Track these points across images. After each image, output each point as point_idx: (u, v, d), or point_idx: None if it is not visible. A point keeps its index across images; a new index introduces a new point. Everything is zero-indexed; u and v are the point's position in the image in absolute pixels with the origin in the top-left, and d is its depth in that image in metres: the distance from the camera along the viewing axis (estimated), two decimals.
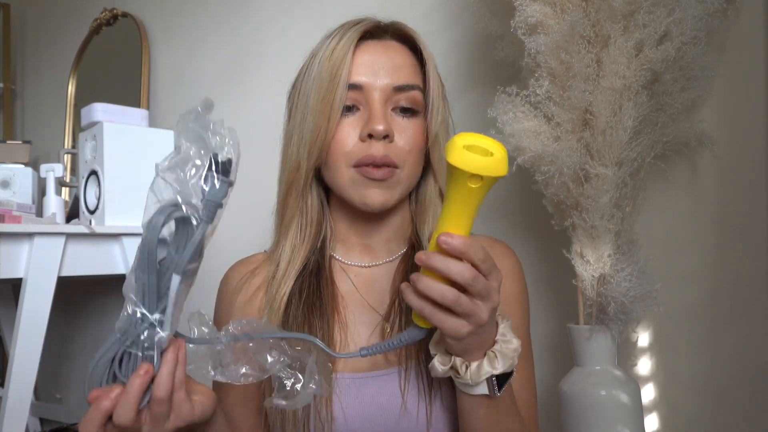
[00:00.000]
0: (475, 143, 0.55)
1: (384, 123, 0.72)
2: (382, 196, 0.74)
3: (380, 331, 0.76)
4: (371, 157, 0.72)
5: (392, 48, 0.77)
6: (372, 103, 0.74)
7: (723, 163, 0.98)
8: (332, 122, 0.74)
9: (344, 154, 0.74)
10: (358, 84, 0.74)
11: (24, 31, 2.65)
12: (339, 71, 0.73)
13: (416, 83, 0.76)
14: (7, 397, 1.40)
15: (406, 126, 0.75)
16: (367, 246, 0.81)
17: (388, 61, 0.75)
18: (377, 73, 0.74)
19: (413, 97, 0.75)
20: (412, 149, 0.75)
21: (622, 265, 0.90)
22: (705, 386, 1.00)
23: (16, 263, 1.43)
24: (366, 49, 0.76)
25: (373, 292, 0.79)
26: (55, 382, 2.28)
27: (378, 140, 0.72)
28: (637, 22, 0.85)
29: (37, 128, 2.54)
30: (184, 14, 1.89)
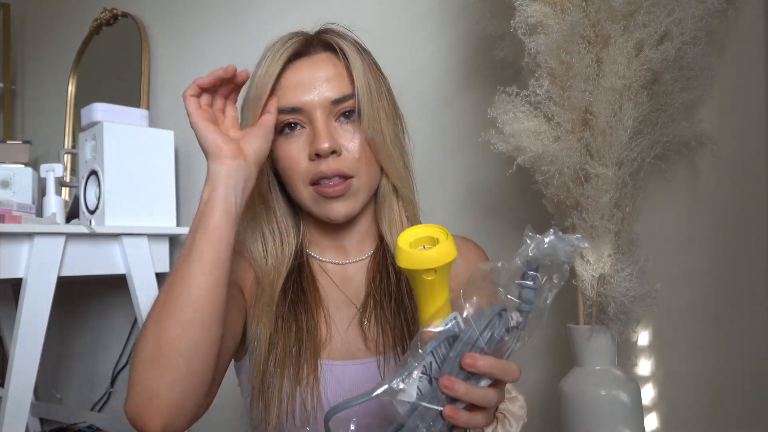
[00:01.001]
0: (417, 236, 0.57)
1: (328, 140, 0.74)
2: (344, 208, 0.77)
3: (358, 322, 0.79)
4: (322, 174, 0.75)
5: (321, 61, 0.78)
6: (314, 121, 0.75)
7: (723, 163, 0.98)
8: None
9: (299, 174, 0.76)
10: (296, 107, 0.76)
11: (24, 31, 2.64)
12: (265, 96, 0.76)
13: (350, 92, 0.77)
14: (7, 397, 1.40)
15: (352, 135, 0.77)
16: (340, 247, 0.84)
17: (320, 77, 0.76)
18: (311, 91, 0.76)
19: (351, 106, 0.77)
20: (362, 155, 0.77)
21: (622, 265, 0.90)
22: (705, 386, 1.00)
23: (16, 263, 1.43)
24: (296, 69, 0.77)
25: (349, 287, 0.83)
26: (55, 382, 2.28)
27: (325, 158, 0.75)
28: (637, 22, 0.85)
29: (37, 128, 2.54)
30: (184, 14, 1.89)
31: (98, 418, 2.03)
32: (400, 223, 0.83)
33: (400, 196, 0.83)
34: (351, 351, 0.77)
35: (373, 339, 0.77)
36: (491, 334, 0.52)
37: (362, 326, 0.78)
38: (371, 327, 0.78)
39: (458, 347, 0.52)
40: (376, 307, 0.79)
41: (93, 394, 2.13)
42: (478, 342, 0.52)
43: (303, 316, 0.77)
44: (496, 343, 0.52)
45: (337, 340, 0.78)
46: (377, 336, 0.77)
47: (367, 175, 0.78)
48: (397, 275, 0.80)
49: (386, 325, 0.77)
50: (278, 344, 0.74)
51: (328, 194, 0.76)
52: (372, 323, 0.78)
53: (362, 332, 0.78)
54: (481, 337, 0.52)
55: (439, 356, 0.53)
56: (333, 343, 0.78)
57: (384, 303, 0.79)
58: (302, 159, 0.76)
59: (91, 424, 2.02)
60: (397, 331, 0.76)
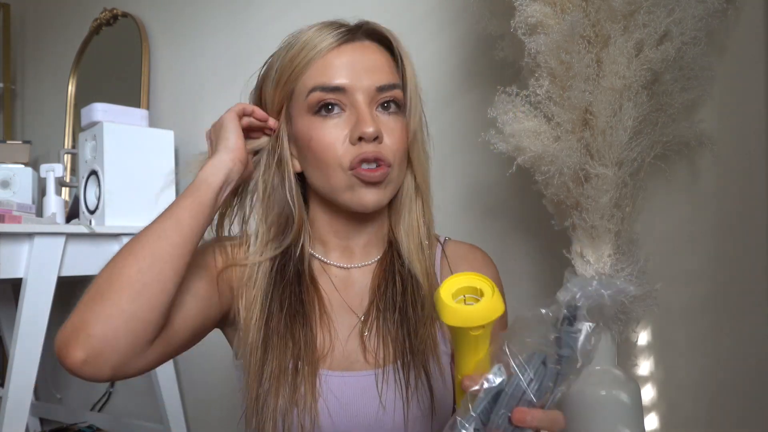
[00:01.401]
0: (458, 286, 0.54)
1: (374, 125, 0.73)
2: (377, 196, 0.75)
3: (358, 333, 0.77)
4: (365, 155, 0.73)
5: (368, 48, 0.77)
6: (357, 105, 0.74)
7: (723, 163, 0.98)
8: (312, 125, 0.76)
9: (335, 157, 0.74)
10: (341, 86, 0.74)
11: (24, 31, 2.64)
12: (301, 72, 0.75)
13: (396, 82, 0.77)
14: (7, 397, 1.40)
15: (393, 126, 0.76)
16: (346, 248, 0.82)
17: (368, 62, 0.75)
18: (358, 74, 0.74)
19: (395, 95, 0.76)
20: (399, 147, 0.76)
21: (622, 265, 0.90)
22: (705, 386, 1.00)
23: (16, 263, 1.43)
24: (342, 50, 0.76)
25: (351, 293, 0.80)
26: (55, 382, 2.28)
27: (368, 142, 0.73)
28: (637, 22, 0.85)
29: (37, 128, 2.54)
30: (184, 14, 1.89)
31: (98, 418, 2.03)
32: (417, 229, 0.81)
33: (422, 199, 0.81)
34: (350, 361, 0.75)
35: (373, 351, 0.75)
36: (539, 385, 0.51)
37: (362, 336, 0.76)
38: (372, 338, 0.76)
39: (504, 401, 0.51)
40: (378, 317, 0.77)
41: (93, 394, 2.13)
42: (526, 395, 0.50)
43: (301, 331, 0.74)
44: (542, 393, 0.51)
45: (337, 349, 0.76)
46: (377, 348, 0.75)
47: (400, 169, 0.77)
48: (403, 284, 0.78)
49: (387, 337, 0.75)
50: (273, 361, 0.72)
51: (368, 179, 0.73)
52: (373, 333, 0.76)
53: (362, 343, 0.76)
54: (529, 389, 0.50)
55: (486, 411, 0.51)
56: (333, 352, 0.75)
57: (387, 313, 0.77)
58: (340, 142, 0.74)
59: (91, 424, 2.02)
60: (399, 344, 0.74)
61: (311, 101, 0.75)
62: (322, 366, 0.74)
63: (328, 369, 0.74)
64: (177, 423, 1.68)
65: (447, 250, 0.85)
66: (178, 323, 0.70)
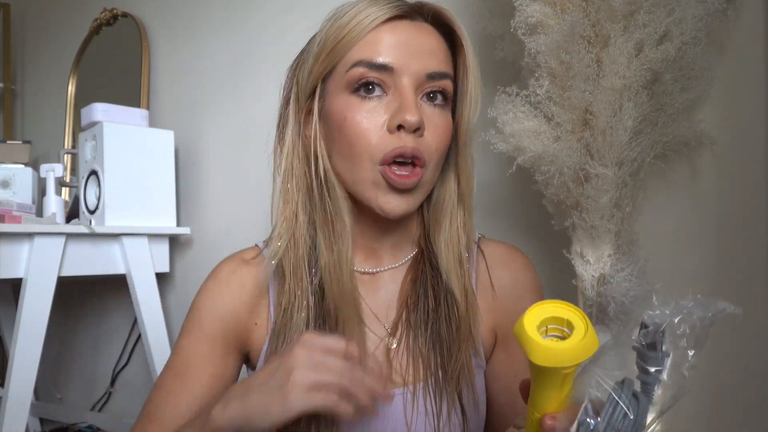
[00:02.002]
0: (543, 316, 0.47)
1: (417, 114, 0.64)
2: (404, 204, 0.67)
3: (385, 347, 0.70)
4: (402, 149, 0.64)
5: (426, 30, 0.68)
6: (402, 89, 0.65)
7: (723, 163, 0.98)
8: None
9: (368, 147, 0.65)
10: (387, 65, 0.65)
11: (24, 31, 2.64)
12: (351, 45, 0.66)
13: (449, 71, 0.69)
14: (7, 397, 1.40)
15: (437, 121, 0.67)
16: (372, 250, 0.75)
17: (422, 44, 0.67)
18: (409, 55, 0.65)
19: (445, 86, 0.68)
20: (439, 147, 0.67)
21: (622, 265, 0.90)
22: (705, 386, 1.00)
23: (16, 263, 1.43)
24: (396, 26, 0.67)
25: (377, 300, 0.73)
26: (55, 382, 2.28)
27: (408, 133, 0.64)
28: (637, 22, 0.85)
29: (37, 128, 2.54)
30: (184, 14, 1.89)
31: (98, 418, 2.03)
32: (457, 241, 0.72)
33: (465, 208, 0.73)
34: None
35: (401, 371, 0.68)
36: (633, 421, 0.47)
37: (389, 351, 0.69)
38: (400, 355, 0.69)
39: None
40: (408, 335, 0.70)
41: (93, 394, 2.13)
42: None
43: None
44: (634, 426, 0.47)
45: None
46: (406, 366, 0.68)
47: (435, 171, 0.69)
48: (437, 300, 0.70)
49: (418, 356, 0.68)
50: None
51: (396, 184, 0.65)
52: (401, 350, 0.69)
53: (388, 358, 0.69)
54: (623, 427, 0.46)
55: None
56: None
57: (418, 330, 0.69)
58: (376, 129, 0.65)
59: (91, 424, 2.02)
60: (430, 366, 0.68)
61: (351, 77, 0.66)
62: None
63: None
64: None
65: (484, 250, 0.78)
66: None
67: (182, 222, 1.83)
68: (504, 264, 0.78)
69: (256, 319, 0.74)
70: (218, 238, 1.76)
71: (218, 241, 1.76)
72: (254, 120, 1.67)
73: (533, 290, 0.77)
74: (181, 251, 1.84)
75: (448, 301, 0.70)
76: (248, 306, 0.74)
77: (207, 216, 1.79)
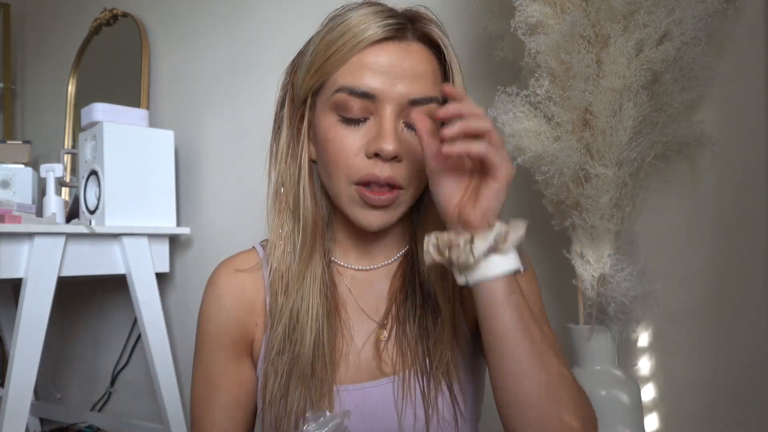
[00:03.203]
0: None
1: (394, 143, 0.65)
2: (381, 218, 0.69)
3: (375, 339, 0.73)
4: (374, 177, 0.66)
5: (413, 52, 0.68)
6: (383, 116, 0.66)
7: (723, 163, 0.98)
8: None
9: (346, 167, 0.67)
10: (370, 93, 0.66)
11: (24, 31, 2.64)
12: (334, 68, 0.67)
13: (435, 95, 0.68)
14: (7, 397, 1.40)
15: (417, 144, 0.66)
16: (365, 249, 0.77)
17: (408, 68, 0.66)
18: (394, 80, 0.66)
19: (429, 111, 0.67)
20: (421, 170, 0.67)
21: (622, 265, 0.90)
22: (705, 386, 1.00)
23: (16, 263, 1.43)
24: (382, 49, 0.66)
25: (368, 296, 0.75)
26: (55, 382, 2.28)
27: (384, 161, 0.66)
28: (637, 22, 0.85)
29: (37, 128, 2.54)
30: (184, 14, 1.89)
31: (98, 418, 2.03)
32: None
33: None
34: (370, 371, 0.71)
35: (390, 361, 0.71)
36: None
37: (379, 344, 0.72)
38: (389, 347, 0.72)
39: None
40: (397, 328, 0.72)
41: (93, 394, 2.13)
42: None
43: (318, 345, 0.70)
44: None
45: (353, 358, 0.72)
46: (395, 357, 0.71)
47: (417, 188, 0.70)
48: (423, 298, 0.73)
49: (406, 347, 0.71)
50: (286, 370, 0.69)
51: (371, 201, 0.67)
52: (391, 342, 0.72)
53: (378, 351, 0.72)
54: None
55: None
56: (349, 362, 0.71)
57: (407, 324, 0.72)
58: (354, 152, 0.66)
59: (91, 424, 2.02)
60: (418, 353, 0.70)
61: (336, 101, 0.67)
62: (337, 380, 0.70)
63: (343, 383, 0.70)
64: (177, 423, 1.68)
65: None
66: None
67: (182, 222, 1.83)
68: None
69: (256, 320, 0.76)
70: (218, 238, 1.76)
71: (218, 241, 1.76)
72: (254, 120, 1.67)
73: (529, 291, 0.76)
74: (181, 251, 1.84)
75: (433, 297, 0.72)
76: (247, 310, 0.76)
77: (207, 216, 1.79)
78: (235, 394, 0.75)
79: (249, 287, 0.76)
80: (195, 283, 1.81)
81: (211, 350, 0.75)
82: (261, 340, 0.75)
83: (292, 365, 0.69)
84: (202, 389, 0.76)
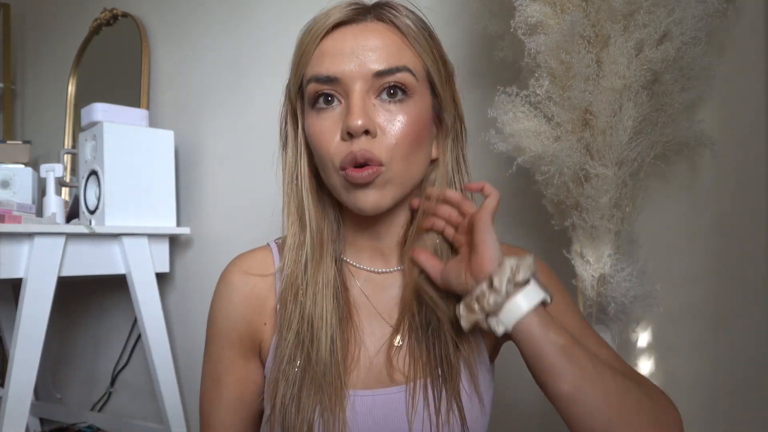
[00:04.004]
0: None
1: (362, 117, 0.64)
2: (371, 196, 0.67)
3: (388, 345, 0.72)
4: (352, 156, 0.65)
5: (372, 29, 0.68)
6: (351, 94, 0.66)
7: (723, 163, 0.98)
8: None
9: (328, 156, 0.67)
10: (333, 76, 0.66)
11: (24, 31, 2.64)
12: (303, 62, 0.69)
13: (402, 64, 0.67)
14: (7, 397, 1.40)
15: (393, 116, 0.67)
16: (378, 249, 0.76)
17: (367, 45, 0.67)
18: (356, 59, 0.66)
19: (401, 79, 0.66)
20: (400, 142, 0.66)
21: (622, 265, 0.90)
22: (705, 386, 1.00)
23: (16, 263, 1.43)
24: (341, 34, 0.68)
25: (382, 299, 0.74)
26: (55, 382, 2.28)
27: (358, 137, 0.65)
28: (637, 22, 0.85)
29: (37, 128, 2.54)
30: (184, 14, 1.89)
31: (98, 418, 2.03)
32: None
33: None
34: (382, 377, 0.70)
35: (402, 369, 0.70)
36: None
37: (392, 351, 0.71)
38: (401, 354, 0.71)
39: None
40: (410, 336, 0.71)
41: (93, 394, 2.13)
42: None
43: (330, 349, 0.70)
44: None
45: (365, 363, 0.71)
46: (407, 365, 0.70)
47: (402, 164, 0.68)
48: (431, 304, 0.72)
49: (418, 356, 0.70)
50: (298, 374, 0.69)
51: (355, 180, 0.66)
52: (404, 349, 0.71)
53: (391, 358, 0.71)
54: None
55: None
56: (361, 367, 0.71)
57: (420, 333, 0.71)
58: (333, 138, 0.67)
59: (91, 424, 2.02)
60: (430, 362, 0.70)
61: (309, 94, 0.68)
62: (349, 385, 0.69)
63: (356, 388, 0.70)
64: (177, 423, 1.68)
65: None
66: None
67: (182, 222, 1.84)
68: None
69: (265, 319, 0.75)
70: (218, 238, 1.76)
71: (218, 241, 1.76)
72: (254, 120, 1.67)
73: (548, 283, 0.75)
74: (181, 251, 1.85)
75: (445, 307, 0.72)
76: (257, 308, 0.75)
77: (207, 216, 1.79)
78: (240, 392, 0.75)
79: (260, 285, 0.75)
80: (195, 283, 1.82)
81: (218, 345, 0.75)
82: (269, 341, 0.74)
83: (305, 372, 0.69)
84: (209, 386, 0.76)
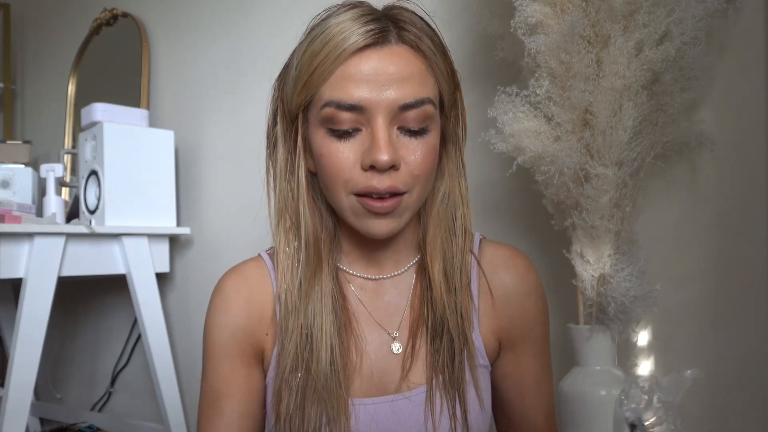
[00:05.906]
0: None
1: (389, 152, 0.63)
2: (387, 225, 0.67)
3: (387, 352, 0.72)
4: (374, 189, 0.64)
5: (397, 55, 0.65)
6: (375, 126, 0.64)
7: (723, 163, 0.98)
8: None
9: (343, 181, 0.66)
10: (358, 105, 0.64)
11: (24, 31, 2.64)
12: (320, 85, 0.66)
13: (426, 95, 0.66)
14: (7, 397, 1.40)
15: (414, 148, 0.66)
16: (374, 258, 0.75)
17: (395, 72, 0.64)
18: (381, 88, 0.64)
19: (424, 113, 0.65)
20: (423, 173, 0.66)
21: (622, 265, 0.90)
22: (705, 386, 1.00)
23: (16, 263, 1.43)
24: (366, 59, 0.64)
25: (379, 306, 0.74)
26: (55, 382, 2.28)
27: (381, 172, 0.64)
28: (637, 22, 0.85)
29: (37, 128, 2.54)
30: (184, 14, 1.89)
31: (98, 418, 2.03)
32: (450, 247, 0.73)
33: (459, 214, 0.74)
34: (384, 384, 0.71)
35: (404, 375, 0.70)
36: None
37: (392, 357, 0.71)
38: (402, 360, 0.71)
39: None
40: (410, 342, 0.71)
41: (93, 394, 2.13)
42: None
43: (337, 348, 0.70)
44: None
45: (366, 371, 0.71)
46: (408, 372, 0.70)
47: (421, 192, 0.68)
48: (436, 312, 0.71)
49: (420, 363, 0.70)
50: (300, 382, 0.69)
51: (375, 210, 0.65)
52: (404, 356, 0.71)
53: (391, 365, 0.71)
54: None
55: None
56: (362, 375, 0.71)
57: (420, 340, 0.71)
58: (350, 166, 0.65)
59: (91, 424, 2.02)
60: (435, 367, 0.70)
61: (325, 116, 0.65)
62: (352, 394, 0.70)
63: (358, 396, 0.70)
64: (177, 423, 1.68)
65: (485, 254, 0.78)
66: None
67: (182, 222, 1.83)
68: (506, 268, 0.78)
69: (266, 329, 0.75)
70: (218, 238, 1.76)
71: (218, 241, 1.76)
72: (254, 120, 1.67)
73: (535, 293, 0.78)
74: (181, 251, 1.85)
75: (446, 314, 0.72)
76: (256, 318, 0.75)
77: (207, 216, 1.79)
78: (243, 402, 0.73)
79: (257, 295, 0.75)
80: (195, 283, 1.82)
81: (218, 359, 0.74)
82: (271, 351, 0.74)
83: (306, 382, 0.68)
84: (210, 402, 0.74)
